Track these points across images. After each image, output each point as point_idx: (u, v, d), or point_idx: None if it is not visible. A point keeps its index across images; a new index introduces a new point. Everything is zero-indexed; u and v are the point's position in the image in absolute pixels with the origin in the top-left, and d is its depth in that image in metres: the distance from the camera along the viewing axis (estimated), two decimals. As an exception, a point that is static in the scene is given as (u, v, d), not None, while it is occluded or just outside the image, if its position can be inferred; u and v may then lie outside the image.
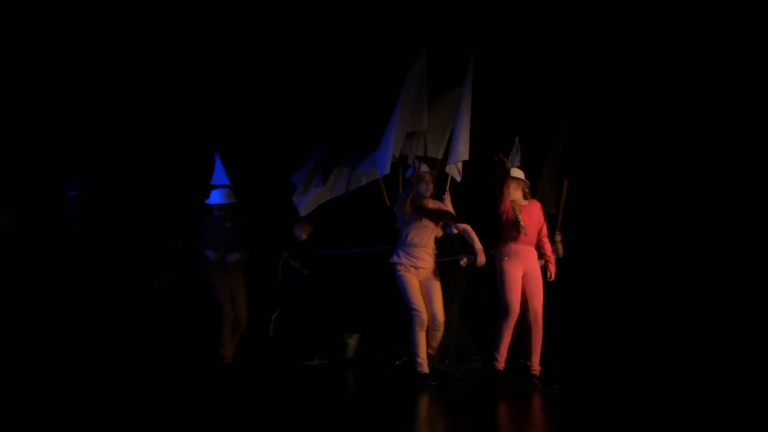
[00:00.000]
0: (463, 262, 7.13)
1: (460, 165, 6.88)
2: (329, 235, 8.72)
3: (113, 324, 7.97)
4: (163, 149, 9.30)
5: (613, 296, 8.70)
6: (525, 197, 6.23)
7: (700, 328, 8.13)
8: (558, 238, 7.39)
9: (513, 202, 6.07)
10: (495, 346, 6.06)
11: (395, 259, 6.33)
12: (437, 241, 6.47)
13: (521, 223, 5.99)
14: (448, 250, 7.17)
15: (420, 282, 6.32)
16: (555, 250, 7.02)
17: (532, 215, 6.15)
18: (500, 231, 6.15)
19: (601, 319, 8.60)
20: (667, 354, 7.97)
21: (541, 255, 6.33)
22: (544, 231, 6.29)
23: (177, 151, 9.29)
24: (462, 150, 6.49)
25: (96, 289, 7.56)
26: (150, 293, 8.61)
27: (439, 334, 6.29)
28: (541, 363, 6.31)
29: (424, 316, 6.21)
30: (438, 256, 6.52)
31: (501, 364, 6.08)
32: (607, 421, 5.21)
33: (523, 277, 6.07)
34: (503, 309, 6.01)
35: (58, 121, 8.96)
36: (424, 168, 6.39)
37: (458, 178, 6.99)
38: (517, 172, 6.23)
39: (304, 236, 8.33)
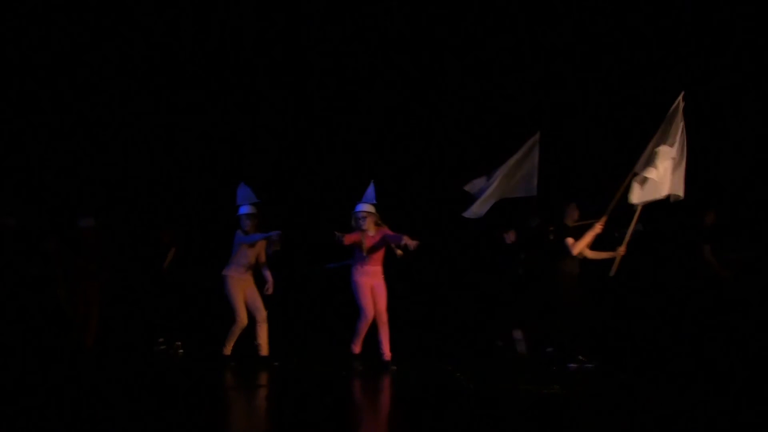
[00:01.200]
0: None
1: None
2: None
3: None
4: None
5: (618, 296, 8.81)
6: (376, 224, 7.65)
7: (704, 328, 8.18)
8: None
9: (362, 233, 7.55)
10: (354, 336, 7.67)
11: (229, 272, 7.88)
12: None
13: (365, 249, 7.57)
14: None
15: (243, 289, 7.88)
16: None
17: (371, 241, 7.60)
18: (353, 254, 7.69)
19: (603, 319, 8.68)
20: (669, 353, 8.04)
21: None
22: (398, 238, 7.44)
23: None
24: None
25: None
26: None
27: (265, 327, 7.88)
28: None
29: (243, 318, 7.83)
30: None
31: (357, 350, 7.69)
32: (607, 420, 5.29)
33: (372, 288, 7.61)
34: (361, 312, 7.57)
35: None
36: (252, 209, 7.92)
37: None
38: (369, 207, 7.67)
39: (165, 239, 9.34)
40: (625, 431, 5.15)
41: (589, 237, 7.64)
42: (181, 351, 8.95)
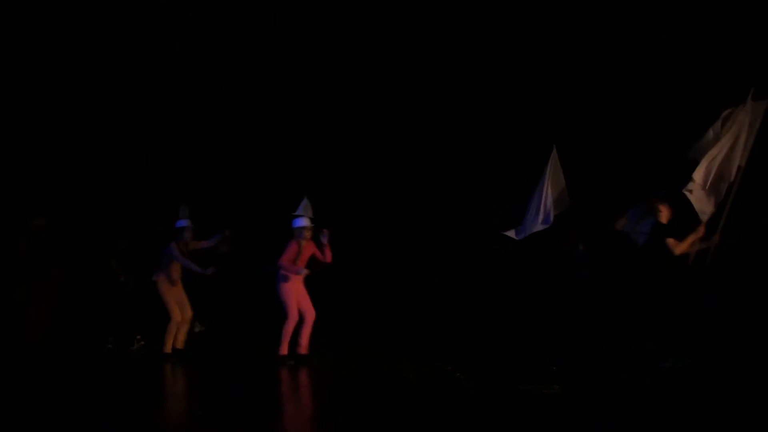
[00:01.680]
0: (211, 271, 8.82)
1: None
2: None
3: None
4: None
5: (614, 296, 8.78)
6: (310, 238, 8.44)
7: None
8: None
9: (300, 244, 8.33)
10: (281, 339, 8.25)
11: (159, 277, 8.69)
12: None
13: (299, 259, 8.34)
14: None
15: (174, 292, 8.73)
16: None
17: (307, 252, 8.46)
18: (284, 262, 8.31)
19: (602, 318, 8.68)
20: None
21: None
22: (318, 253, 8.49)
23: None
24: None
25: None
26: None
27: (187, 327, 8.88)
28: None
29: (178, 315, 8.70)
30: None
31: (284, 351, 8.27)
32: (607, 421, 5.30)
33: (297, 292, 8.38)
34: (288, 315, 8.27)
35: None
36: (190, 223, 8.83)
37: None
38: (307, 221, 8.38)
39: (121, 245, 10.00)
40: (624, 431, 5.16)
41: (691, 239, 7.39)
42: (142, 343, 9.49)
